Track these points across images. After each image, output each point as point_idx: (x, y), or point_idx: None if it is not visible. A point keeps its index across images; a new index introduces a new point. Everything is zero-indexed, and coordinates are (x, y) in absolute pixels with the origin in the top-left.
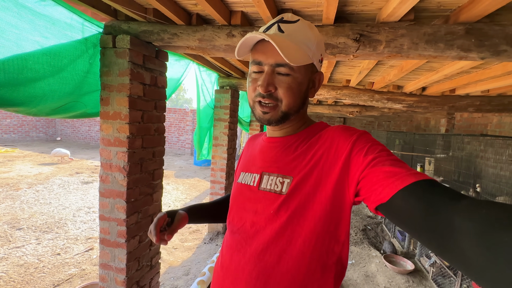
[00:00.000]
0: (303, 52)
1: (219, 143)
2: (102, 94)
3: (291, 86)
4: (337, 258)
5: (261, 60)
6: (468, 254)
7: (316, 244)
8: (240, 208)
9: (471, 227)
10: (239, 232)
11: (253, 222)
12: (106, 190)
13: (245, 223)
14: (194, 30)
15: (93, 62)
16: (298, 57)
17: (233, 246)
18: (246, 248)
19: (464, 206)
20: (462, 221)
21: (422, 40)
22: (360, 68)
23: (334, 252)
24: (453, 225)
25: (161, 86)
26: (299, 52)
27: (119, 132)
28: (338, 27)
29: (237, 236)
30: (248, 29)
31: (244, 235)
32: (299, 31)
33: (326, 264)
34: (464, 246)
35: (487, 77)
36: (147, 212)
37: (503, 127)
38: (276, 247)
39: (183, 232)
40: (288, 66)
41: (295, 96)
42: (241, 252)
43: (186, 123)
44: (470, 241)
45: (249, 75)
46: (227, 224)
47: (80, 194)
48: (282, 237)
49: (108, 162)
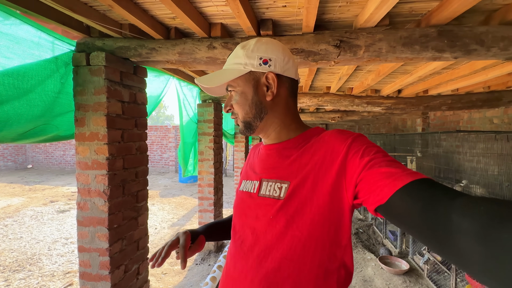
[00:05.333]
0: (229, 71)
1: (205, 158)
2: (76, 115)
3: (236, 99)
4: (340, 263)
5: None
6: (467, 251)
7: (317, 249)
8: (242, 215)
9: (469, 224)
10: (241, 239)
11: (254, 229)
12: (85, 218)
13: (247, 230)
14: (173, 44)
15: (65, 81)
16: (221, 77)
17: (236, 254)
18: (248, 255)
19: (462, 204)
20: (460, 219)
21: (399, 43)
22: (339, 74)
23: (336, 257)
24: (451, 223)
25: (141, 102)
26: (223, 74)
27: (97, 154)
28: (318, 34)
29: (239, 243)
30: (229, 40)
31: (246, 242)
32: (231, 56)
33: (328, 269)
34: (463, 243)
35: (456, 77)
36: (132, 238)
37: (474, 122)
38: (277, 252)
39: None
40: (229, 85)
41: (244, 106)
42: (244, 259)
43: (168, 140)
44: (468, 238)
45: None
46: (231, 232)
47: (55, 225)
48: (282, 243)
49: (86, 187)
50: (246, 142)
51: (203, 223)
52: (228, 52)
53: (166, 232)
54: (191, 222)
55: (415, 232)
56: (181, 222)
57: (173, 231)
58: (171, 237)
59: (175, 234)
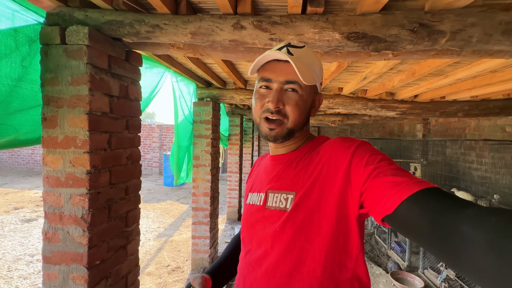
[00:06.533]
0: (311, 73)
1: (201, 163)
2: (45, 112)
3: (298, 103)
4: (351, 275)
5: (271, 78)
6: (479, 264)
7: (327, 260)
8: (250, 228)
9: (481, 235)
10: (250, 253)
11: (262, 242)
12: (54, 254)
13: (255, 243)
14: (184, 21)
15: (28, 65)
16: (309, 77)
17: (245, 269)
18: (257, 270)
19: (472, 214)
20: (471, 230)
21: (497, 31)
22: (365, 73)
23: (346, 268)
24: (462, 234)
25: (134, 98)
26: (309, 73)
27: (74, 166)
28: (387, 15)
29: (248, 258)
30: (263, 18)
31: (255, 256)
32: (306, 56)
33: (338, 280)
34: (475, 255)
35: (507, 79)
36: (119, 274)
37: (482, 130)
38: (286, 266)
39: (161, 274)
40: (297, 83)
41: (301, 113)
42: (253, 274)
43: (152, 139)
44: (480, 250)
45: (256, 91)
46: (241, 246)
47: (18, 238)
48: (291, 255)
49: (56, 211)
50: (240, 145)
51: (196, 237)
52: (261, 35)
53: (152, 244)
54: (180, 231)
55: (424, 243)
56: (169, 232)
57: (160, 243)
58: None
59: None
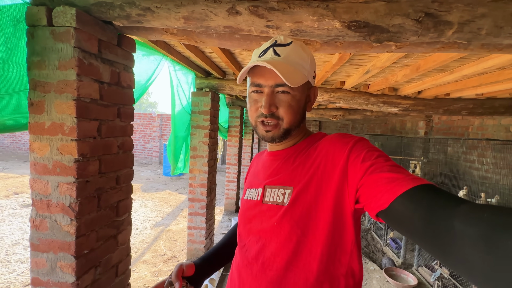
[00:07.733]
0: (299, 72)
1: (198, 154)
2: (31, 96)
3: (290, 104)
4: (346, 270)
5: (261, 82)
6: (471, 259)
7: (323, 255)
8: (247, 223)
9: (473, 231)
10: (246, 248)
11: (259, 236)
12: (42, 242)
13: (252, 238)
14: (177, 4)
15: (13, 47)
16: (296, 78)
17: (241, 263)
18: (253, 264)
19: (465, 210)
20: (463, 226)
21: (509, 23)
22: (367, 67)
23: (341, 263)
24: (454, 230)
25: (126, 85)
26: (296, 73)
27: (61, 154)
28: (391, 2)
29: (244, 252)
30: (259, 3)
31: (251, 251)
32: (293, 53)
33: (333, 275)
34: (467, 251)
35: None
36: (109, 263)
37: (486, 129)
38: (282, 259)
39: (156, 263)
40: (287, 85)
41: (295, 113)
42: (249, 268)
43: (152, 129)
44: (472, 245)
45: (249, 96)
46: (237, 241)
47: (17, 222)
48: (287, 249)
49: (44, 198)
50: (240, 137)
51: (192, 227)
52: (257, 21)
53: (149, 233)
54: (177, 221)
55: (417, 238)
56: (166, 222)
57: (157, 232)
58: (155, 239)
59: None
